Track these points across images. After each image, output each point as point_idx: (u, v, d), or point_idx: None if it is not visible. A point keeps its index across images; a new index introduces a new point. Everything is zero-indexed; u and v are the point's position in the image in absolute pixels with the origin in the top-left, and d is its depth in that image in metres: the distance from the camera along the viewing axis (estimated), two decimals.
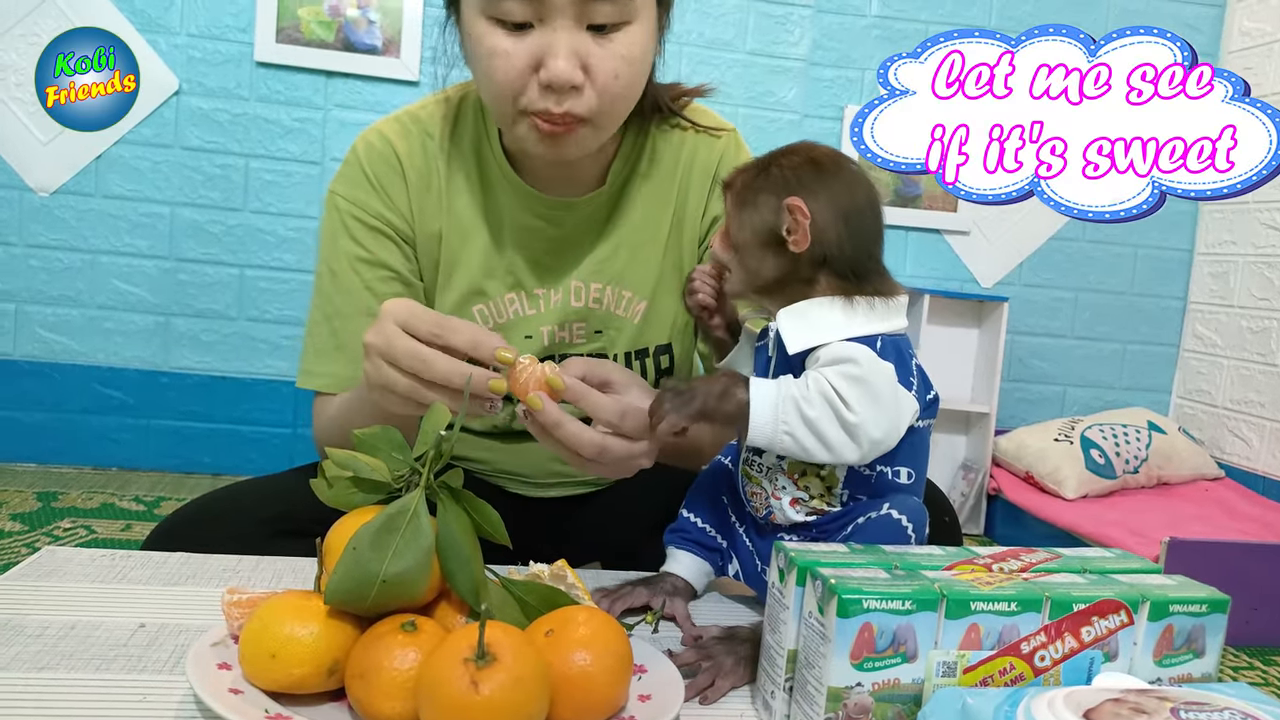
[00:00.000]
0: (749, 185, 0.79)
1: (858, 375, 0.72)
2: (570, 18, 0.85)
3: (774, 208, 0.77)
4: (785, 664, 0.64)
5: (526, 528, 1.00)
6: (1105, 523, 2.51)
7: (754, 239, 0.78)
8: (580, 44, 0.86)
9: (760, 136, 2.94)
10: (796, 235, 0.76)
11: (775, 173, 0.78)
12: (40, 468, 2.78)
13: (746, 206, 0.79)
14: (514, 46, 0.87)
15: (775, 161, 0.80)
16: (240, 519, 0.97)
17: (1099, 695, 0.51)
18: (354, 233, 1.02)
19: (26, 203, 2.74)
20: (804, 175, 0.78)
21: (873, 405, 0.72)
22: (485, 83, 0.91)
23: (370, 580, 0.61)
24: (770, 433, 0.73)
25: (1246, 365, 2.94)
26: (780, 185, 0.77)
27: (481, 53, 0.88)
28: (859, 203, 0.78)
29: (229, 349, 2.86)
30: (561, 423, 0.75)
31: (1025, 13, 3.04)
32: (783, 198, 0.76)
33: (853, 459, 0.74)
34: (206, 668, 0.61)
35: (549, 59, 0.86)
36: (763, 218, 0.78)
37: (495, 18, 0.86)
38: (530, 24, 0.86)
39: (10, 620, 0.72)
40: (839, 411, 0.72)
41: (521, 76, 0.87)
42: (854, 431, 0.72)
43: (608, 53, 0.88)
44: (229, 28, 2.77)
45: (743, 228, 0.79)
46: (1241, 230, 3.00)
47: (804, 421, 0.72)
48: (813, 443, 0.73)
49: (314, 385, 1.03)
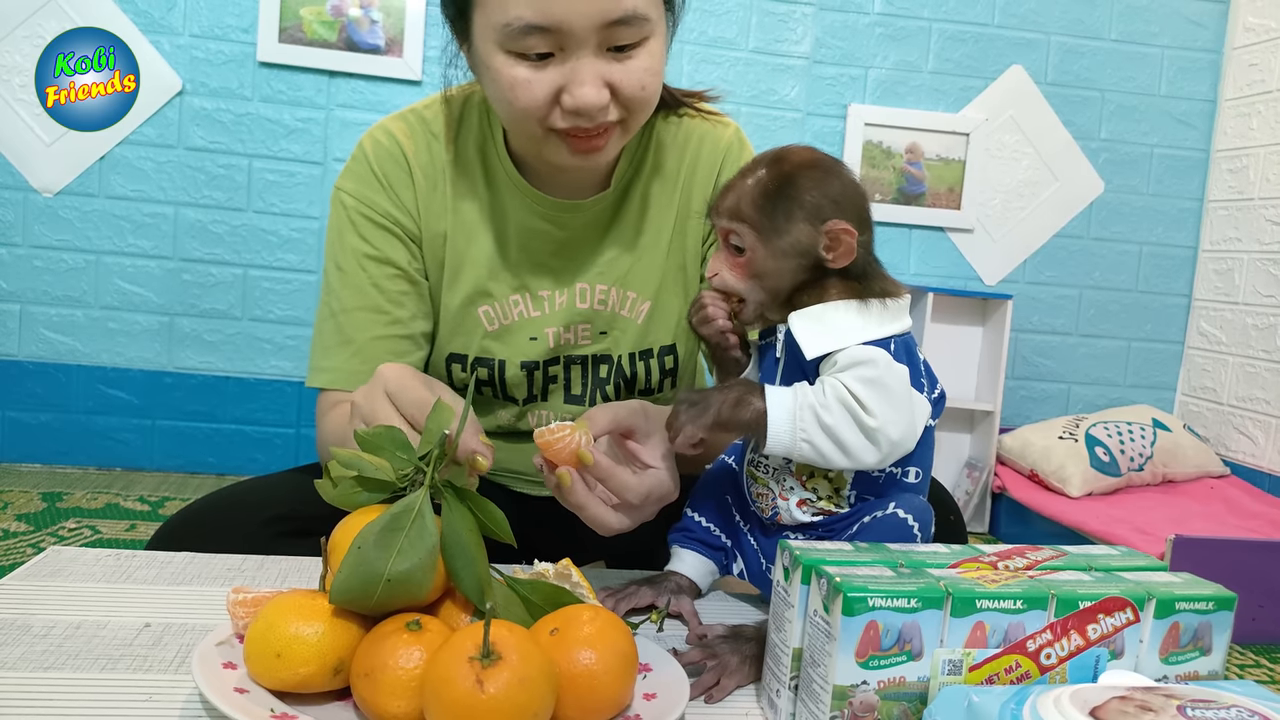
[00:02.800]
0: (772, 212, 0.76)
1: (874, 378, 0.72)
2: (591, 46, 0.85)
3: (808, 233, 0.75)
4: (790, 662, 0.64)
5: (530, 527, 1.00)
6: (1110, 521, 2.50)
7: (788, 265, 0.77)
8: (603, 68, 0.86)
9: (763, 135, 2.94)
10: (838, 253, 0.75)
11: (798, 195, 0.76)
12: (45, 468, 2.79)
13: (776, 235, 0.76)
14: (536, 76, 0.86)
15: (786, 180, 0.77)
16: (245, 519, 0.97)
17: (1105, 693, 0.51)
18: (361, 230, 1.02)
19: (31, 203, 2.75)
20: (829, 191, 0.76)
21: (890, 408, 0.72)
22: (506, 110, 0.90)
23: (375, 579, 0.61)
24: (789, 441, 0.73)
25: (1252, 362, 2.94)
26: (812, 210, 0.76)
27: (502, 84, 0.88)
28: (867, 201, 0.78)
29: (233, 349, 2.86)
30: (586, 505, 0.77)
31: (1029, 9, 3.04)
32: (816, 223, 0.75)
33: (871, 463, 0.74)
34: (212, 667, 0.61)
35: (574, 87, 0.86)
36: (794, 244, 0.76)
37: (515, 51, 0.86)
38: (551, 54, 0.86)
39: (16, 620, 0.73)
40: (857, 416, 0.72)
41: (545, 104, 0.88)
42: (873, 435, 0.72)
43: (630, 69, 0.88)
44: (232, 28, 2.77)
45: (776, 256, 0.77)
46: (1246, 227, 3.00)
47: (822, 429, 0.73)
48: (831, 449, 0.73)
49: (321, 382, 1.03)
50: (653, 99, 0.92)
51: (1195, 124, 3.14)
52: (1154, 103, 3.11)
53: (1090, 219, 3.15)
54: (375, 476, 0.67)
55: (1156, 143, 3.14)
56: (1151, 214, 3.17)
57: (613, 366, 1.08)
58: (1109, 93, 3.10)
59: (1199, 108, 3.13)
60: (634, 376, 1.09)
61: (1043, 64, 3.07)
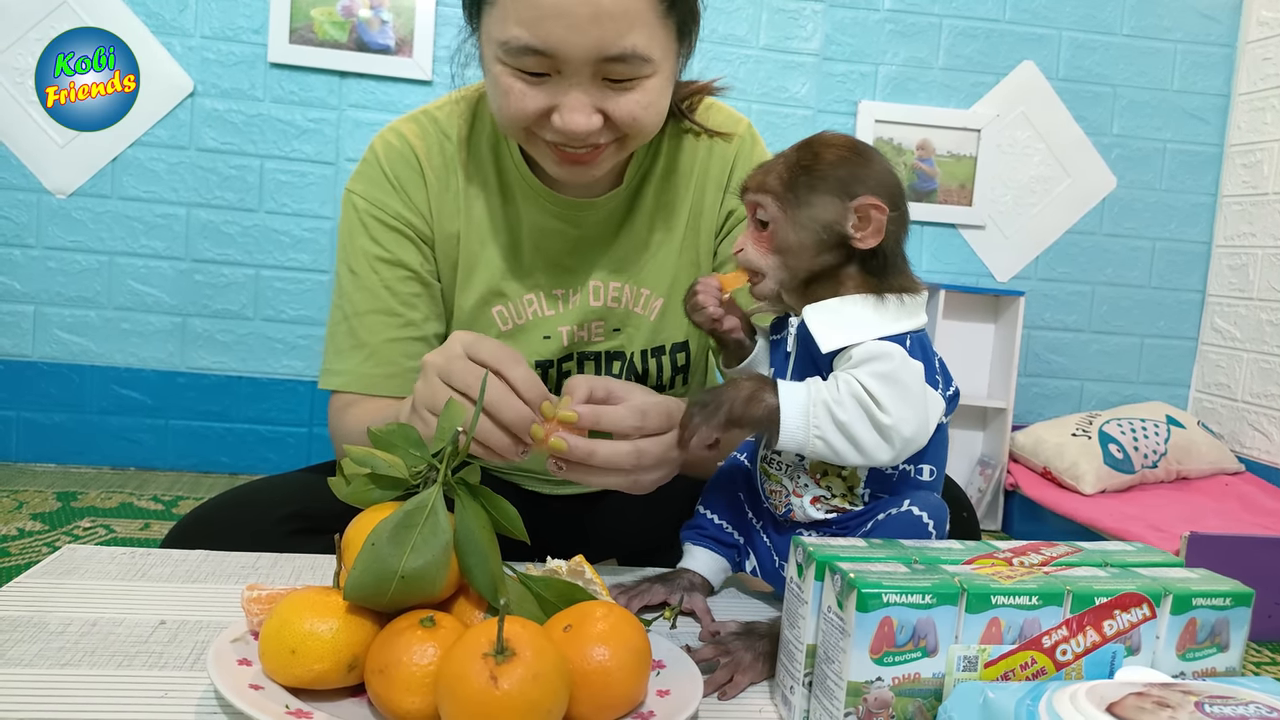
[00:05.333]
0: (795, 185, 0.76)
1: (889, 373, 0.71)
2: (586, 75, 0.86)
3: (835, 207, 0.75)
4: (804, 659, 0.64)
5: (542, 525, 1.00)
6: (1124, 518, 2.49)
7: (811, 239, 0.76)
8: (596, 96, 0.87)
9: (773, 132, 2.94)
10: (866, 232, 0.74)
11: (825, 170, 0.76)
12: (60, 468, 2.80)
13: (801, 207, 0.76)
14: (529, 90, 0.87)
15: (815, 158, 0.76)
16: (258, 517, 0.97)
17: (1122, 689, 0.51)
18: (373, 232, 1.02)
19: (44, 205, 2.76)
20: (858, 171, 0.75)
21: (905, 405, 0.71)
22: (500, 114, 0.92)
23: (389, 576, 0.61)
24: (802, 438, 0.73)
25: (1266, 358, 2.92)
26: (837, 184, 0.75)
27: (499, 89, 0.89)
28: (902, 189, 0.77)
29: (245, 349, 2.87)
30: (594, 450, 0.77)
31: (1040, 5, 3.02)
32: (843, 196, 0.74)
33: (885, 460, 0.73)
34: (227, 664, 0.61)
35: (565, 112, 0.87)
36: (822, 217, 0.75)
37: (513, 66, 0.87)
38: (547, 74, 0.87)
39: (33, 618, 0.73)
40: (871, 413, 0.71)
41: (534, 118, 0.89)
42: (887, 433, 0.72)
43: (623, 102, 0.88)
44: (242, 29, 2.78)
45: (798, 229, 0.76)
46: (1261, 222, 2.98)
47: (836, 425, 0.72)
48: (845, 446, 0.72)
49: (333, 385, 1.03)
50: (647, 128, 0.92)
51: (1209, 119, 3.12)
52: (1167, 98, 3.10)
53: (1103, 215, 3.13)
54: (388, 474, 0.67)
55: (1169, 138, 3.12)
56: (1165, 209, 3.15)
57: (625, 363, 1.08)
58: (1121, 88, 3.08)
59: (1212, 102, 3.11)
60: (646, 373, 1.09)
61: (1054, 59, 3.05)
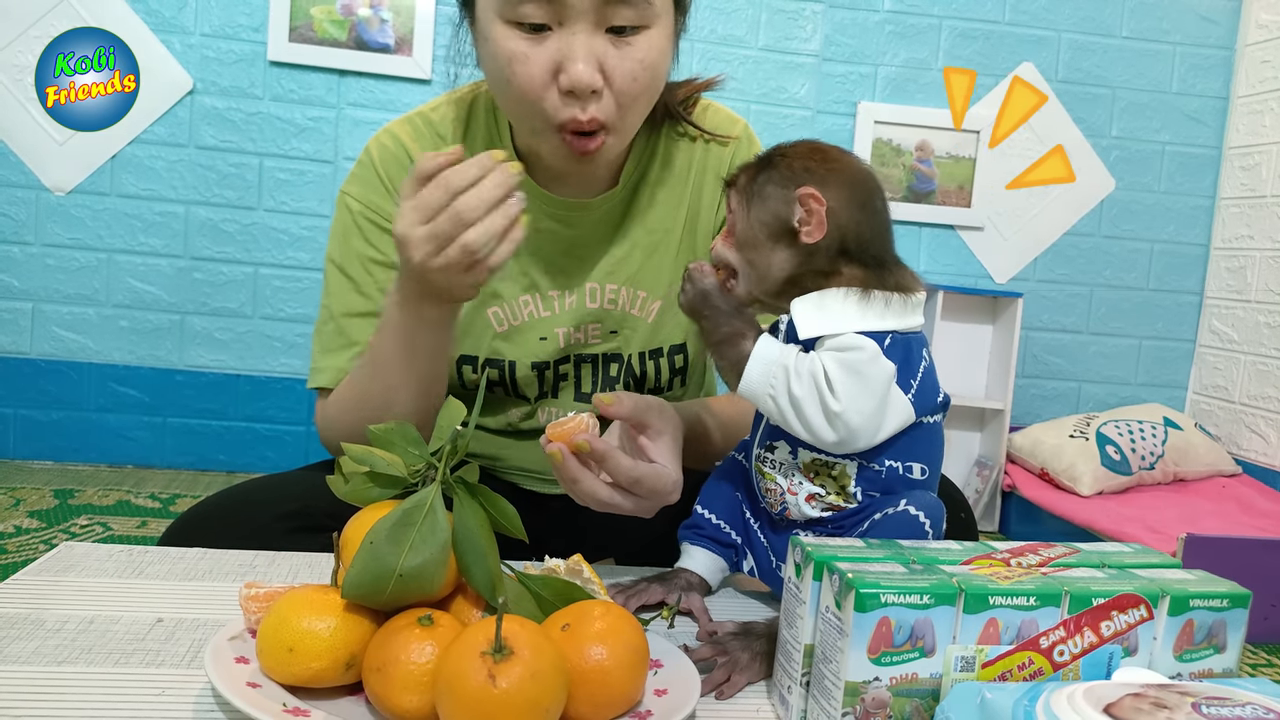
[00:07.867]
0: (753, 180, 0.79)
1: (853, 364, 0.73)
2: (589, 21, 0.85)
3: (783, 199, 0.76)
4: (802, 659, 0.64)
5: (540, 525, 1.00)
6: (1121, 519, 2.49)
7: (763, 233, 0.78)
8: (599, 48, 0.86)
9: (773, 133, 2.93)
10: (810, 225, 0.75)
11: (780, 165, 0.78)
12: (57, 465, 2.80)
13: (754, 200, 0.78)
14: (532, 50, 0.86)
15: (778, 155, 0.79)
16: (256, 515, 0.97)
17: (1119, 690, 0.51)
18: (366, 234, 1.02)
19: (43, 202, 2.76)
20: (811, 165, 0.77)
21: (859, 397, 0.72)
22: (504, 89, 0.91)
23: (387, 574, 0.61)
24: (757, 390, 0.76)
25: (1264, 360, 2.92)
26: (788, 177, 0.77)
27: (500, 58, 0.88)
28: (871, 188, 0.78)
29: (243, 347, 2.87)
30: (579, 479, 0.80)
31: (1040, 7, 3.02)
32: (791, 188, 0.76)
33: (828, 442, 0.74)
34: (224, 662, 0.61)
35: (568, 64, 0.86)
36: (771, 210, 0.77)
37: (513, 20, 0.86)
38: (548, 26, 0.86)
39: (29, 615, 0.73)
40: (823, 395, 0.73)
41: (541, 84, 0.87)
42: (833, 418, 0.73)
43: (625, 56, 0.88)
44: (242, 27, 2.78)
45: (750, 224, 0.78)
46: (1259, 225, 2.98)
47: (788, 393, 0.74)
48: (792, 416, 0.74)
49: (322, 382, 1.02)
50: (643, 97, 0.92)
51: (1207, 121, 3.12)
52: (1165, 100, 3.10)
53: (1101, 217, 3.13)
54: (387, 472, 0.67)
55: (1168, 140, 3.12)
56: (1163, 212, 3.15)
57: (623, 365, 1.08)
58: (1120, 90, 3.08)
59: (1211, 105, 3.11)
60: (644, 375, 1.09)
61: (1053, 61, 3.06)
